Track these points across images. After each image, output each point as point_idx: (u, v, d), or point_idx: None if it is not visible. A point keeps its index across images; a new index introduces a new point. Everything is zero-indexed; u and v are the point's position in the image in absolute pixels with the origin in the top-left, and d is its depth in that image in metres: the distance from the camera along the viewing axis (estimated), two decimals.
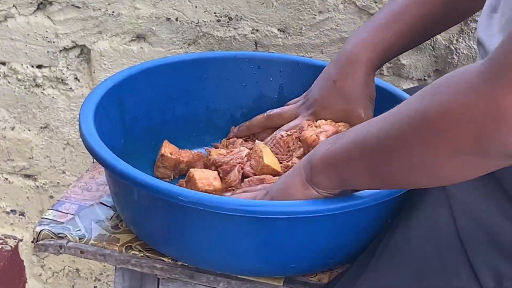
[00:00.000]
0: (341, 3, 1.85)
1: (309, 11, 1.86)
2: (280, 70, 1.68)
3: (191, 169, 1.49)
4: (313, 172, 1.25)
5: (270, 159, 1.49)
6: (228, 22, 1.93)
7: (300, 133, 1.54)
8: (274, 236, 1.28)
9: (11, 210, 2.30)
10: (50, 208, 1.48)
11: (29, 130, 2.18)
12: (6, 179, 2.28)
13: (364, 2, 1.84)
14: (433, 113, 1.06)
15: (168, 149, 1.54)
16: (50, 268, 2.43)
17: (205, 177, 1.48)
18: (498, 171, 1.16)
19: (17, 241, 2.33)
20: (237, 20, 1.93)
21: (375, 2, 1.84)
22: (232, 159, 1.51)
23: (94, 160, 1.37)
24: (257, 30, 1.92)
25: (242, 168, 1.49)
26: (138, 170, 1.29)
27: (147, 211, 1.34)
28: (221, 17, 1.93)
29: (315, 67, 1.64)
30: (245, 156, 1.51)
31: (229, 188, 1.49)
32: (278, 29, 1.92)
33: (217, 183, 1.46)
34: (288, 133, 1.55)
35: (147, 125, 1.59)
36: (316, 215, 1.23)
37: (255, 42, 1.94)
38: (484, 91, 0.98)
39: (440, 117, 1.05)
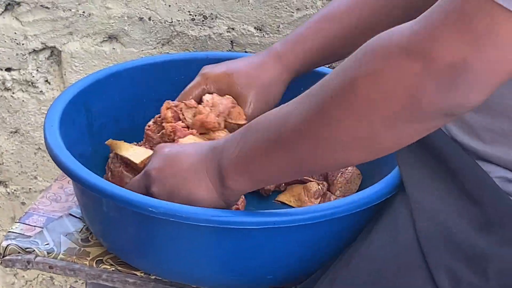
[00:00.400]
0: (319, 0, 1.87)
1: (286, 8, 1.88)
2: None
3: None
4: (224, 178, 1.23)
5: None
6: (203, 21, 1.94)
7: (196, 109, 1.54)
8: (248, 247, 1.27)
9: None
10: (17, 221, 1.47)
11: None
12: None
13: None
14: (362, 83, 1.05)
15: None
16: (23, 276, 2.41)
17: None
18: (460, 173, 1.22)
19: None
20: (212, 18, 1.94)
21: None
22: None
23: None
24: (233, 29, 1.93)
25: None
26: (105, 180, 1.33)
27: (117, 223, 1.33)
28: (195, 15, 1.93)
29: None
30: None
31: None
32: (255, 28, 1.93)
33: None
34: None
35: (116, 131, 1.57)
36: (293, 224, 1.23)
37: (231, 41, 1.95)
38: (420, 51, 0.99)
39: (371, 87, 1.05)
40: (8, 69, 2.09)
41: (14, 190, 2.25)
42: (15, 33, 2.04)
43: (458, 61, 0.97)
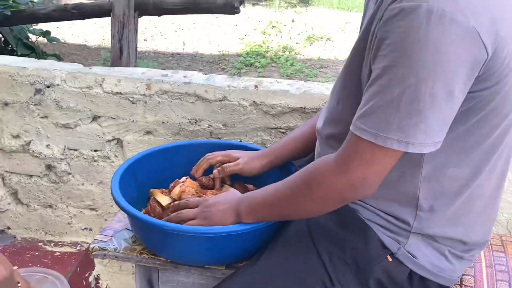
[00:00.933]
0: (254, 110, 1.86)
1: (238, 114, 1.89)
2: (225, 148, 1.58)
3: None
4: (241, 214, 1.27)
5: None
6: (195, 122, 1.94)
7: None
8: (215, 244, 1.31)
9: (85, 228, 2.23)
10: (98, 233, 1.48)
11: (91, 184, 2.15)
12: (81, 211, 2.20)
13: (264, 109, 1.84)
14: (312, 186, 1.15)
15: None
16: (106, 265, 2.28)
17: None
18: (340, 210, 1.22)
19: (88, 245, 2.22)
20: (199, 121, 1.93)
21: (272, 108, 1.84)
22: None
23: None
24: (211, 126, 1.93)
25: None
26: (141, 212, 1.37)
27: (149, 234, 1.37)
28: (191, 120, 1.94)
29: (244, 147, 1.62)
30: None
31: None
32: (222, 124, 1.92)
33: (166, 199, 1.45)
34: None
35: (151, 185, 1.52)
36: (240, 232, 1.27)
37: (210, 132, 1.94)
38: (339, 175, 1.09)
39: (317, 189, 1.14)
40: (95, 150, 2.10)
41: (101, 213, 2.19)
42: (98, 131, 2.05)
43: (360, 177, 1.07)
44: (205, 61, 5.25)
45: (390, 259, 1.17)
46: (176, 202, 1.38)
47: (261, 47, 5.49)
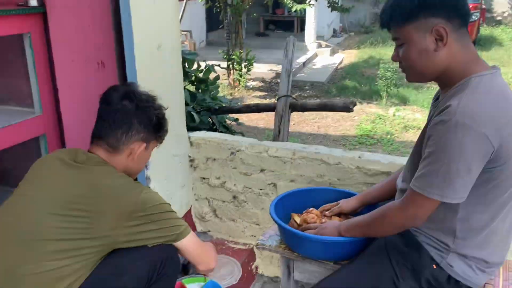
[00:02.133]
0: (357, 171, 1.79)
1: (347, 174, 1.82)
2: (337, 193, 1.58)
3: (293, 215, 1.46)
4: (341, 232, 1.30)
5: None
6: (320, 176, 1.88)
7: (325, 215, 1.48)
8: (327, 247, 1.33)
9: (252, 235, 2.17)
10: (260, 238, 1.52)
11: (257, 209, 2.08)
12: (250, 225, 2.15)
13: (363, 171, 1.79)
14: (384, 217, 1.18)
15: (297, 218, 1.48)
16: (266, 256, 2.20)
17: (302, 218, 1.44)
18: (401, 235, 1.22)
19: (253, 245, 2.15)
20: (323, 176, 1.86)
21: (369, 171, 1.78)
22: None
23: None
24: (330, 179, 1.86)
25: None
26: (287, 225, 1.39)
27: (290, 238, 1.41)
28: (318, 175, 1.88)
29: (348, 193, 1.55)
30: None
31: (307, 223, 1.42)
32: (337, 179, 1.84)
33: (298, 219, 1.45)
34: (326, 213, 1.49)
35: (292, 210, 1.51)
36: (341, 241, 1.29)
37: (329, 183, 1.86)
38: (401, 211, 1.12)
39: (387, 219, 1.17)
40: (261, 189, 2.03)
41: (261, 227, 2.09)
42: (263, 178, 2.01)
43: (412, 214, 1.09)
44: (332, 139, 5.29)
45: (435, 266, 1.17)
46: (305, 224, 1.42)
47: (371, 131, 5.43)
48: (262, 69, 7.38)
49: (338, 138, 5.31)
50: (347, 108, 2.32)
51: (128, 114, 1.18)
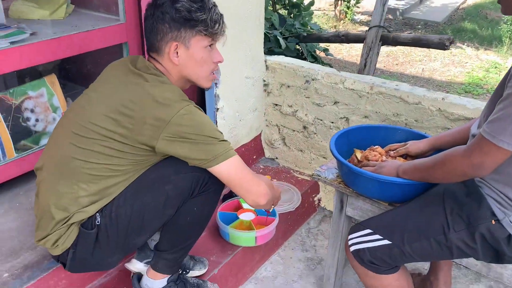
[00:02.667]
0: (438, 114, 1.69)
1: (426, 115, 1.73)
2: (409, 133, 1.52)
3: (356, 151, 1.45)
4: (399, 172, 1.27)
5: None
6: (397, 115, 1.81)
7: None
8: (383, 186, 1.29)
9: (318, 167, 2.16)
10: (317, 168, 1.52)
11: (326, 142, 2.05)
12: (317, 157, 2.12)
13: (445, 114, 1.69)
14: (446, 163, 1.12)
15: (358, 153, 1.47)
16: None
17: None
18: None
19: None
20: (400, 115, 1.79)
21: (451, 115, 1.68)
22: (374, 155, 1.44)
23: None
24: (407, 119, 1.79)
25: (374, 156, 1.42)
26: (345, 160, 1.36)
27: (346, 173, 1.39)
28: (394, 113, 1.81)
29: (421, 135, 1.48)
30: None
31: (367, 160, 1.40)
32: (414, 120, 1.77)
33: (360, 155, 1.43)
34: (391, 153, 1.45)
35: (355, 145, 1.51)
36: (398, 182, 1.25)
37: (405, 124, 1.79)
38: (465, 158, 1.06)
39: (448, 165, 1.11)
40: (332, 122, 1.99)
41: (329, 159, 1.82)
42: (336, 111, 1.96)
43: (478, 162, 1.03)
44: (436, 84, 4.91)
45: (493, 222, 1.11)
46: (365, 162, 1.40)
47: (481, 80, 4.93)
48: (373, 2, 6.86)
49: (443, 84, 4.89)
50: (443, 45, 2.13)
51: (148, 19, 1.17)
